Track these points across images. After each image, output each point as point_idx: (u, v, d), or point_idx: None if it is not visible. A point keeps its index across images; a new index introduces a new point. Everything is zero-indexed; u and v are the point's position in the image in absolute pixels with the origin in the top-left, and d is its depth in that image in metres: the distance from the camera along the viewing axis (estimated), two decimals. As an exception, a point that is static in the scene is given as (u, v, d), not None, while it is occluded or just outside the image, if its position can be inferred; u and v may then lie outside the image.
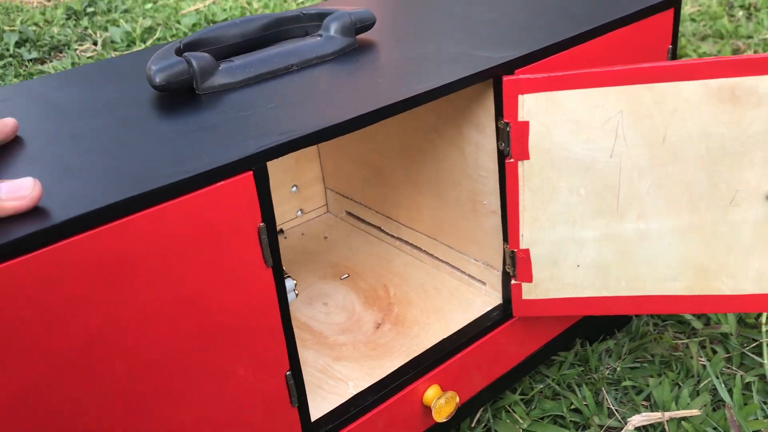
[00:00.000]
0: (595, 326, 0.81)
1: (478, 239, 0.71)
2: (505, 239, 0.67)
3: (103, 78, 0.65)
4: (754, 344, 0.81)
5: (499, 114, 0.62)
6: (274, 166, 0.86)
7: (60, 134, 0.53)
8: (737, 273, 0.64)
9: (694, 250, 0.64)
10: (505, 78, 0.59)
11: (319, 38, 0.65)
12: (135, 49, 1.88)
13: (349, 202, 0.88)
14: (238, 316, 0.50)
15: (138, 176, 0.45)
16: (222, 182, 0.46)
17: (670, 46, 0.74)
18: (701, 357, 0.80)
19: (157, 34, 1.97)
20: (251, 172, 0.47)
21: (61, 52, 1.95)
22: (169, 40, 1.94)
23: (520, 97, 0.60)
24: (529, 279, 0.67)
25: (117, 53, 1.86)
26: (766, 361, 0.78)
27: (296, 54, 0.62)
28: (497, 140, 0.63)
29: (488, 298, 0.72)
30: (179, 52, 0.60)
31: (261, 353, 0.52)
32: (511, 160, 0.62)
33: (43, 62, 1.90)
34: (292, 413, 0.56)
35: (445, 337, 0.67)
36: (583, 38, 0.65)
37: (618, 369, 0.80)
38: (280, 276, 0.51)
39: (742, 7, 1.83)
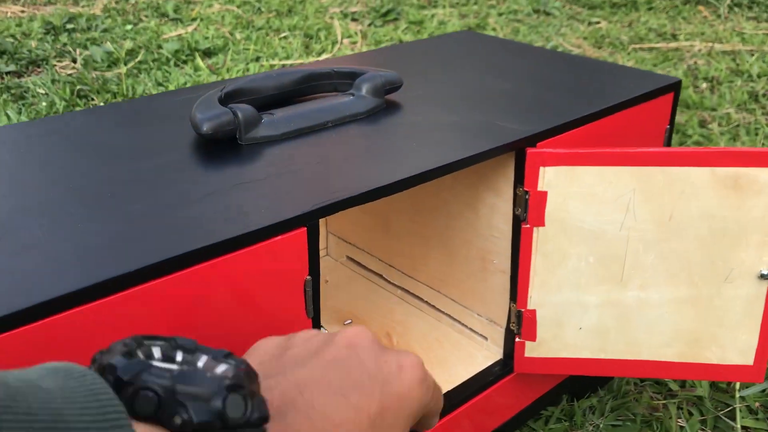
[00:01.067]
0: (582, 384, 0.85)
1: (484, 296, 0.74)
2: (513, 299, 0.70)
3: (138, 118, 0.67)
4: (728, 409, 0.86)
5: (519, 182, 0.65)
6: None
7: (111, 178, 0.55)
8: (725, 344, 0.69)
9: (689, 320, 0.68)
10: (530, 150, 0.63)
11: (351, 97, 0.68)
12: (116, 70, 1.88)
13: (351, 247, 0.91)
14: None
15: (197, 228, 0.47)
16: (278, 237, 0.48)
17: (668, 126, 0.79)
18: (680, 418, 0.85)
19: (140, 57, 1.97)
20: (305, 228, 0.50)
21: (39, 67, 1.93)
22: (151, 64, 1.94)
23: (541, 168, 0.64)
24: (533, 338, 0.70)
25: (98, 72, 1.86)
26: (739, 426, 0.83)
27: (332, 111, 0.65)
28: (514, 206, 0.67)
29: (489, 353, 0.76)
30: (221, 101, 0.63)
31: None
32: (527, 225, 0.66)
33: (20, 76, 1.88)
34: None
35: (449, 389, 0.70)
36: (597, 116, 0.70)
37: (601, 426, 0.84)
38: (318, 327, 0.53)
39: (705, 79, 1.95)
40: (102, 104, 1.67)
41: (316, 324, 0.53)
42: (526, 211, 0.66)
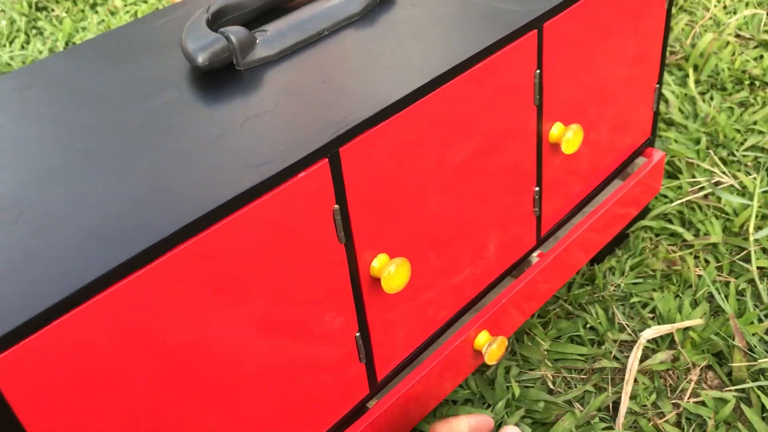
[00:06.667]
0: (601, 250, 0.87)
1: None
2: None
3: (122, 53, 0.63)
4: (743, 252, 0.88)
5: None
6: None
7: (113, 129, 0.52)
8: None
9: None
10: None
11: (342, -2, 0.64)
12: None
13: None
14: (317, 289, 0.52)
15: (218, 180, 0.46)
16: (302, 174, 0.47)
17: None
18: (697, 267, 0.87)
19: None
20: (327, 160, 0.48)
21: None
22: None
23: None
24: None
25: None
26: (754, 267, 0.85)
27: (326, 17, 0.62)
28: (525, 91, 0.65)
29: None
30: (209, 24, 0.59)
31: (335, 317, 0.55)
32: (540, 110, 0.64)
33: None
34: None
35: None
36: None
37: (622, 285, 0.86)
38: (351, 251, 0.53)
39: None
40: (64, 13, 1.59)
41: (349, 249, 0.53)
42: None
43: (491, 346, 0.66)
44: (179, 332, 0.44)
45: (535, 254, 0.75)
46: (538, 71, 0.63)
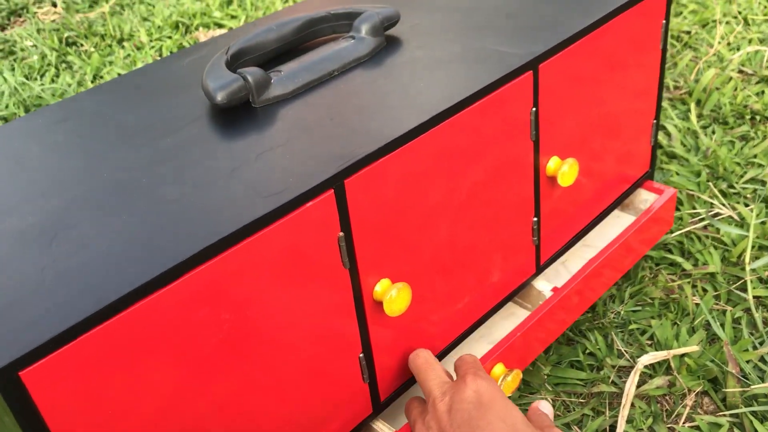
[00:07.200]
0: (600, 276, 0.90)
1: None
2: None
3: (147, 90, 0.69)
4: (740, 282, 0.91)
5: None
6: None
7: (139, 162, 0.57)
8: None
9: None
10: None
11: (351, 40, 0.69)
12: (99, 9, 1.85)
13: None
14: (322, 310, 0.56)
15: (232, 208, 0.50)
16: (309, 203, 0.51)
17: (664, 21, 0.80)
18: (694, 296, 0.90)
19: (120, -7, 1.93)
20: (332, 190, 0.53)
21: (20, 17, 1.90)
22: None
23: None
24: (552, 247, 0.74)
25: (81, 15, 1.83)
26: (750, 296, 0.88)
27: (336, 59, 0.67)
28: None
29: (511, 263, 0.80)
30: (228, 64, 0.64)
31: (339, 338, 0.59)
32: (537, 145, 0.68)
33: (3, 28, 1.85)
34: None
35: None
36: (595, 26, 0.70)
37: (622, 313, 0.89)
38: (355, 275, 0.57)
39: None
40: (92, 48, 1.66)
41: (353, 273, 0.57)
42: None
43: (506, 379, 0.69)
44: (194, 347, 0.48)
45: (549, 288, 0.78)
46: (534, 109, 0.67)
